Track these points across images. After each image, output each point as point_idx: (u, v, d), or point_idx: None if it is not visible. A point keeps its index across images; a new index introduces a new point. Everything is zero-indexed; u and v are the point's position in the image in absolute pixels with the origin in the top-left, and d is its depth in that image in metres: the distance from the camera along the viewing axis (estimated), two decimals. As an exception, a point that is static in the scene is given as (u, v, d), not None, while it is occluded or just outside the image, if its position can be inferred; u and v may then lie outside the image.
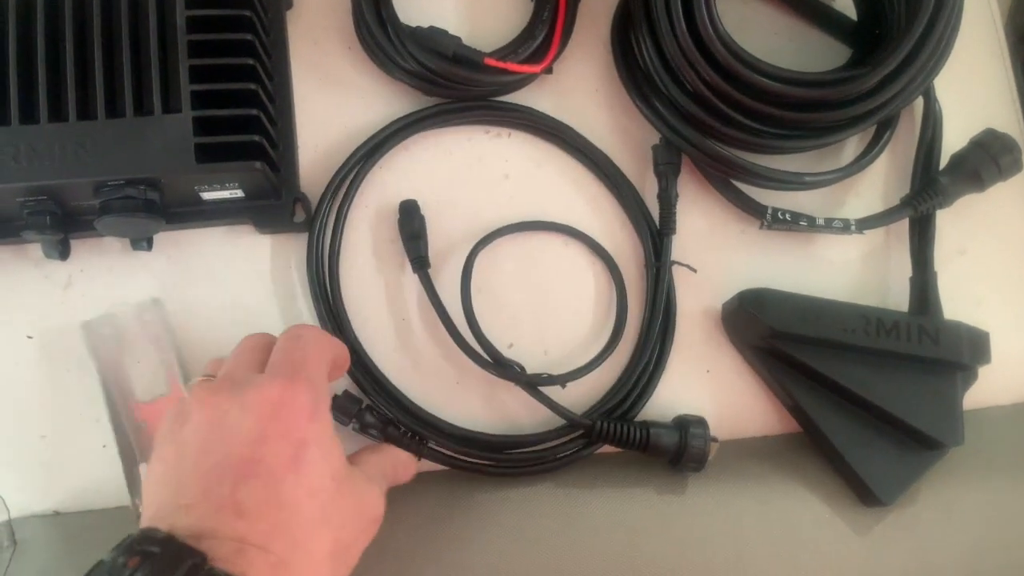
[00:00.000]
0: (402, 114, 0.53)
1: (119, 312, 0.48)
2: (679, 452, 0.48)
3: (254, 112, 0.46)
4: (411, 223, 0.50)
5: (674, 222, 0.52)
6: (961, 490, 0.50)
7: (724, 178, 0.53)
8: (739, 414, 0.52)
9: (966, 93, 0.58)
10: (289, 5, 0.54)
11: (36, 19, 0.44)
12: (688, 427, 0.48)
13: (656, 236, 0.52)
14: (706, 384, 0.52)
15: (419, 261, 0.50)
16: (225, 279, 0.50)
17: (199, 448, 0.36)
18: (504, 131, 0.54)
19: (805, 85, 0.49)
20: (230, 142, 0.45)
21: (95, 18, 0.45)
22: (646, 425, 0.48)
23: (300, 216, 0.50)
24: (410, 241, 0.50)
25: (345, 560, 0.38)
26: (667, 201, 0.52)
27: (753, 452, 0.52)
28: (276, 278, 0.50)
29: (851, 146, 0.55)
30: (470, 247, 0.51)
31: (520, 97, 0.54)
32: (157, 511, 0.35)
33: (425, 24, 0.52)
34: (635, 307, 0.52)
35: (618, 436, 0.48)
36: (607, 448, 0.50)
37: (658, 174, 0.53)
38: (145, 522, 0.34)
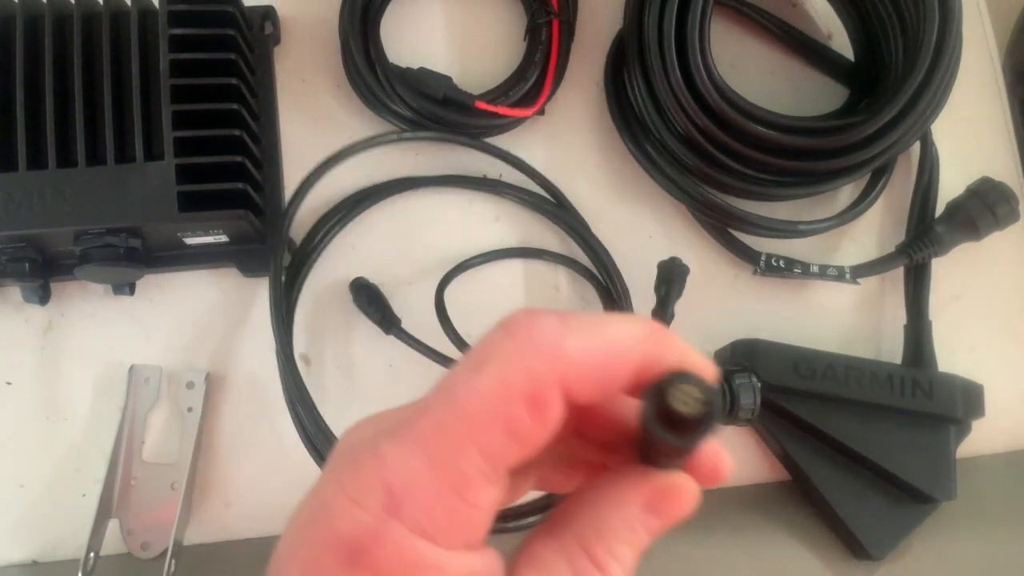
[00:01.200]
0: (390, 158, 0.52)
1: (169, 369, 0.48)
2: (730, 405, 0.45)
3: (239, 159, 0.45)
4: (364, 297, 0.50)
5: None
6: (954, 542, 0.50)
7: (718, 224, 0.52)
8: (732, 462, 0.52)
9: (963, 136, 0.57)
10: (277, 41, 0.53)
11: (16, 65, 0.43)
12: (731, 378, 0.45)
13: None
14: (697, 432, 0.52)
15: (385, 323, 0.49)
16: (209, 323, 0.49)
17: None
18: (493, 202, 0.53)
19: (800, 133, 0.49)
20: (214, 190, 0.44)
21: (76, 64, 0.44)
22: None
23: (287, 261, 0.49)
24: (370, 308, 0.49)
25: None
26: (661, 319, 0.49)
27: (744, 501, 0.51)
28: (262, 322, 0.50)
29: (847, 191, 0.55)
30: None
31: (512, 138, 0.53)
32: None
33: (416, 64, 0.51)
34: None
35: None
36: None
37: (657, 291, 0.49)
38: None
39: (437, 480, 0.20)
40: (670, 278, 0.49)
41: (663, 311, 0.48)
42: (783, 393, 0.48)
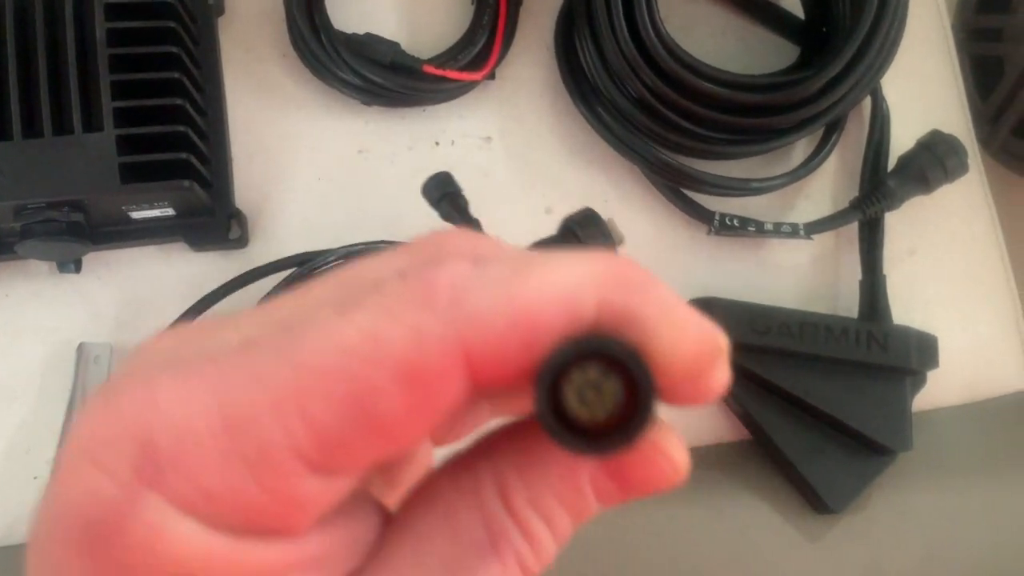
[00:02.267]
0: (339, 126, 0.51)
1: (119, 347, 0.47)
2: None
3: (181, 128, 0.44)
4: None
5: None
6: (912, 494, 0.50)
7: (671, 185, 0.52)
8: (691, 423, 0.52)
9: (914, 91, 0.58)
10: (221, 12, 0.52)
11: (-54, 36, 0.42)
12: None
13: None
14: (657, 393, 0.52)
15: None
16: (159, 299, 0.49)
17: None
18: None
19: (751, 89, 0.48)
20: (156, 160, 0.43)
21: (8, 34, 0.42)
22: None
23: (236, 232, 0.49)
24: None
25: None
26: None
27: (705, 461, 0.52)
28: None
29: (800, 148, 0.55)
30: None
31: (463, 104, 0.53)
32: None
33: (363, 30, 0.51)
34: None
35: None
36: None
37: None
38: None
39: (225, 446, 0.14)
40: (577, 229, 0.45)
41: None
42: (739, 350, 0.48)
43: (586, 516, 0.17)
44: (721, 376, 0.17)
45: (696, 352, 0.16)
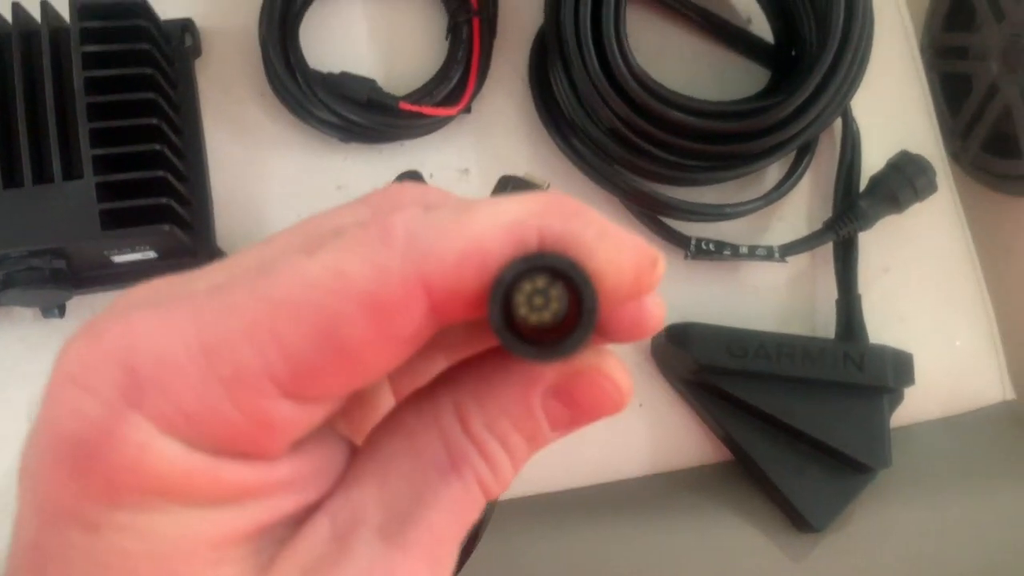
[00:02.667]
0: (318, 163, 0.52)
1: None
2: None
3: (160, 173, 0.44)
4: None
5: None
6: (893, 510, 0.51)
7: (647, 212, 0.53)
8: (674, 446, 0.52)
9: (884, 110, 0.59)
10: (198, 54, 0.53)
11: (-76, 90, 0.42)
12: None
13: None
14: (639, 418, 0.52)
15: None
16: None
17: None
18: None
19: (721, 117, 0.49)
20: (136, 206, 0.44)
21: (-13, 86, 0.43)
22: None
23: (218, 272, 0.49)
24: None
25: None
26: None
27: (689, 483, 0.52)
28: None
29: (773, 170, 0.56)
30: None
31: (440, 137, 0.54)
32: None
33: (339, 69, 0.51)
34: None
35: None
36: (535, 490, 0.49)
37: None
38: None
39: (202, 367, 0.15)
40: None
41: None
42: (719, 374, 0.49)
43: (540, 441, 0.18)
44: (658, 303, 0.18)
45: (633, 263, 0.17)
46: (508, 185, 0.44)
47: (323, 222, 0.17)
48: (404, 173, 0.49)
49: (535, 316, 0.15)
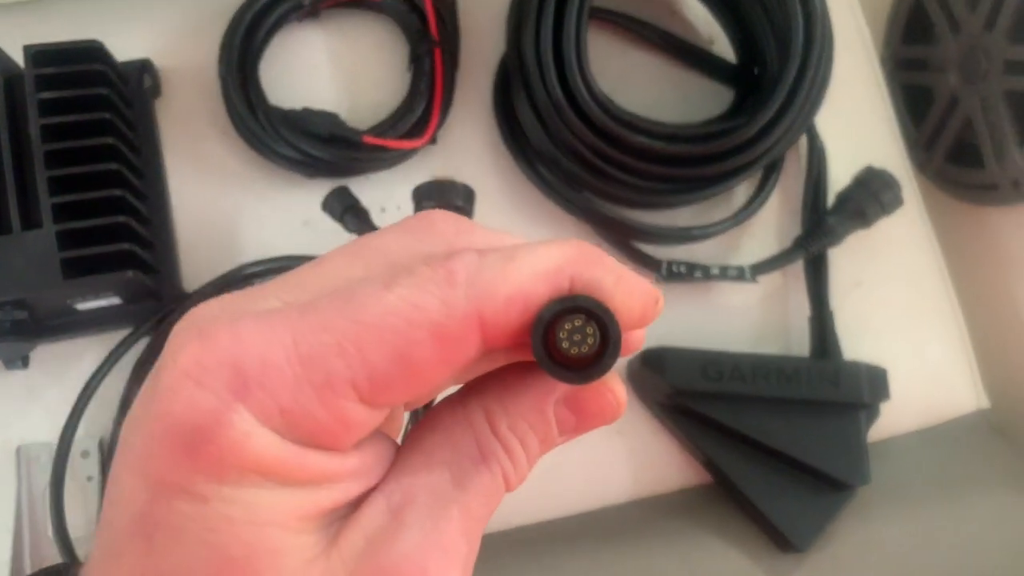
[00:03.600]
0: (283, 200, 0.51)
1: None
2: None
3: (121, 219, 0.44)
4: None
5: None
6: (874, 526, 0.51)
7: (618, 237, 0.53)
8: (655, 471, 0.52)
9: (848, 125, 0.59)
10: (157, 94, 0.52)
11: None
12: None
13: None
14: (619, 444, 0.52)
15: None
16: (112, 387, 0.48)
17: None
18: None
19: (686, 140, 0.49)
20: (98, 253, 0.43)
21: (-61, 137, 0.42)
22: None
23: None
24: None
25: None
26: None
27: (671, 508, 0.52)
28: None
29: (741, 189, 0.56)
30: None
31: (407, 168, 0.53)
32: None
33: (301, 104, 0.51)
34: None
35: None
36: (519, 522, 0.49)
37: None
38: None
39: (299, 372, 0.18)
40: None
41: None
42: (695, 397, 0.49)
43: (550, 443, 0.22)
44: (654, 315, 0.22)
45: (641, 303, 0.21)
46: (427, 192, 0.45)
47: (378, 252, 0.20)
48: (333, 192, 0.49)
49: (575, 349, 0.19)
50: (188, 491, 0.18)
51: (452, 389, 0.22)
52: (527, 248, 0.20)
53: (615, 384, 0.22)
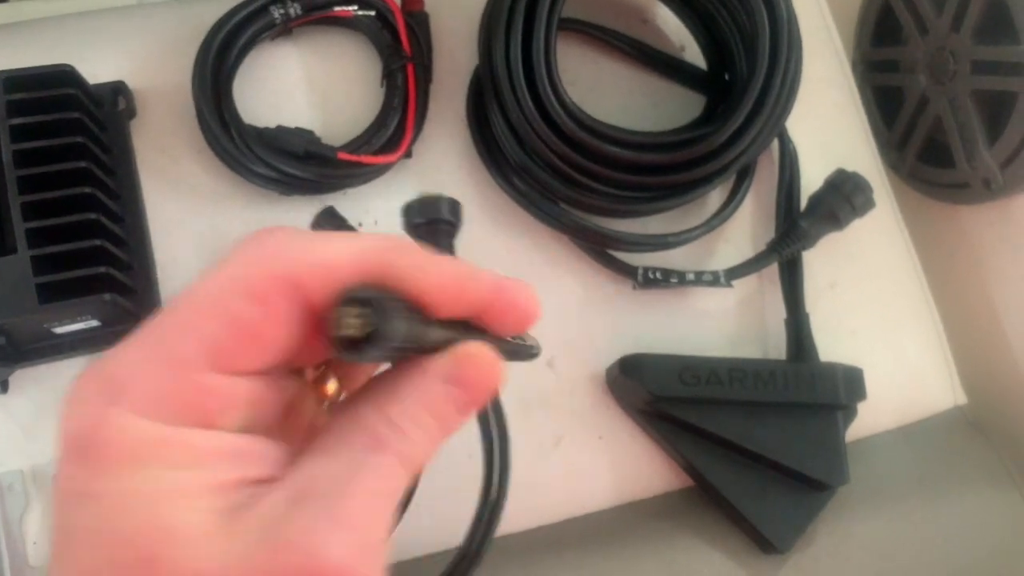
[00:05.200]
0: (261, 218, 0.51)
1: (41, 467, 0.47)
2: None
3: (97, 242, 0.44)
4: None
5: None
6: (855, 525, 0.51)
7: (594, 246, 0.53)
8: (637, 476, 0.52)
9: (820, 127, 0.60)
10: (132, 114, 0.52)
11: None
12: None
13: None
14: (601, 450, 0.52)
15: None
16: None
17: None
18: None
19: (657, 149, 0.50)
20: (74, 277, 0.43)
21: (-88, 165, 0.42)
22: None
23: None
24: None
25: None
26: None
27: (654, 512, 0.52)
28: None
29: (715, 194, 0.56)
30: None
31: (384, 183, 0.53)
32: None
33: (276, 121, 0.51)
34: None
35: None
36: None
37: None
38: None
39: (156, 362, 0.21)
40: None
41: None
42: (673, 403, 0.49)
43: (447, 418, 0.24)
44: (525, 296, 0.25)
45: (454, 283, 0.23)
46: (416, 211, 0.45)
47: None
48: (322, 212, 0.50)
49: (353, 332, 0.21)
50: (85, 493, 0.20)
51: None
52: (341, 235, 0.24)
53: (483, 352, 0.24)
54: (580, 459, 0.52)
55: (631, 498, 0.52)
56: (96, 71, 0.52)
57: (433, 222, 0.39)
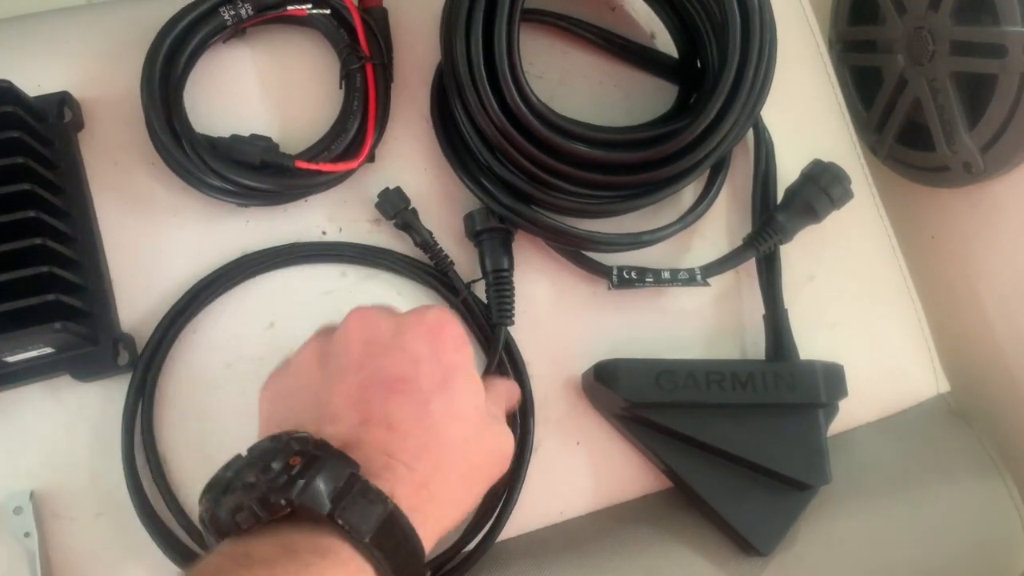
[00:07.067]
0: (220, 230, 0.50)
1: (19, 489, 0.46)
2: None
3: (44, 269, 0.42)
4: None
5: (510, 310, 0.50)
6: (838, 523, 0.50)
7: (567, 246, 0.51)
8: (616, 480, 0.51)
9: (796, 114, 0.58)
10: (79, 127, 0.50)
11: None
12: None
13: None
14: (578, 455, 0.51)
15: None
16: (51, 437, 0.47)
17: (349, 361, 0.36)
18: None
19: (628, 147, 0.48)
20: (22, 307, 0.41)
21: None
22: None
23: (124, 358, 0.47)
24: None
25: (474, 491, 0.38)
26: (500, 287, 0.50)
27: (635, 515, 0.51)
28: (107, 427, 0.47)
29: (690, 190, 0.54)
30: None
31: (346, 188, 0.52)
32: (297, 419, 0.35)
33: (232, 129, 0.49)
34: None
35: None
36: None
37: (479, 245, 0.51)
38: (275, 430, 0.34)
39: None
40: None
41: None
42: (650, 409, 0.48)
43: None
44: None
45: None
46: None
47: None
48: (389, 191, 0.51)
49: None
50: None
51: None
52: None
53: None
54: (558, 465, 0.51)
55: (610, 502, 0.51)
56: (39, 80, 0.50)
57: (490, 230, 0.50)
